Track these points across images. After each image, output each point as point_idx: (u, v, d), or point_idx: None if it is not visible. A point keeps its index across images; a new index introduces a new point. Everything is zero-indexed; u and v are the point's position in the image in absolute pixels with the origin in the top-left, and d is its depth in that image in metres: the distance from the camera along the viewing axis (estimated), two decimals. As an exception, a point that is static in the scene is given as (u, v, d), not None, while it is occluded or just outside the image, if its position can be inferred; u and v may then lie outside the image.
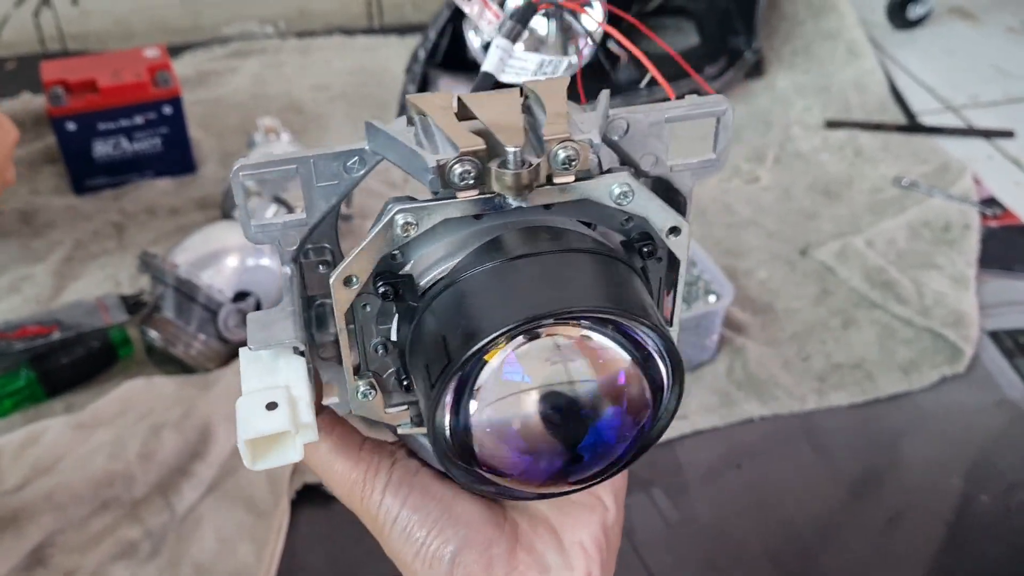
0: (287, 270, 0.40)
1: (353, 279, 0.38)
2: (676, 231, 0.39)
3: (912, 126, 1.68)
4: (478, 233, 0.38)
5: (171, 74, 1.49)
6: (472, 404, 0.36)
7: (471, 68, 1.65)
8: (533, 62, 0.51)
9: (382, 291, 0.38)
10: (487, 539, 0.41)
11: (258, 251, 1.17)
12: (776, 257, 1.37)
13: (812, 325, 1.24)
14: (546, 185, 0.37)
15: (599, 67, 1.66)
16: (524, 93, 0.39)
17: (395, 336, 0.41)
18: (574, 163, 0.36)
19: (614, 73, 1.68)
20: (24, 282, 1.31)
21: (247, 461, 0.36)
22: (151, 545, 0.95)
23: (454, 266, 0.38)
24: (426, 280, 0.38)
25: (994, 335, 1.22)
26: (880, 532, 0.99)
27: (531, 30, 0.55)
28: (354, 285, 0.38)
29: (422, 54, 1.58)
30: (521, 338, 0.35)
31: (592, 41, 0.63)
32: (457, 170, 0.35)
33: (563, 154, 0.36)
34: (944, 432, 1.10)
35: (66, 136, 1.45)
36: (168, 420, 1.04)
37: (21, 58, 1.91)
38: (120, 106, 1.46)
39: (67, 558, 0.93)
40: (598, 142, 0.36)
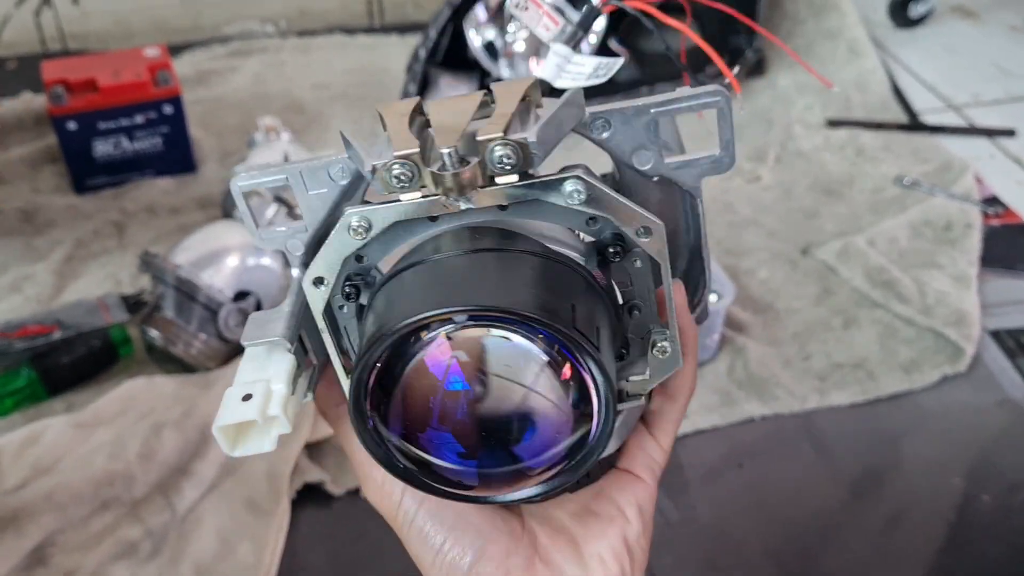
0: (295, 273, 0.42)
1: (322, 280, 0.39)
2: (647, 231, 0.38)
3: (914, 125, 1.67)
4: (429, 235, 0.39)
5: (171, 73, 1.49)
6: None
7: (471, 67, 1.65)
8: (590, 65, 0.50)
9: (346, 291, 0.40)
10: (505, 550, 0.41)
11: (258, 251, 1.17)
12: (777, 256, 1.36)
13: (813, 324, 1.24)
14: (491, 186, 0.37)
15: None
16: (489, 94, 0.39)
17: None
18: (510, 162, 0.36)
19: (615, 73, 1.68)
20: (25, 281, 1.31)
21: (224, 448, 0.38)
22: (151, 545, 0.95)
23: (391, 268, 0.39)
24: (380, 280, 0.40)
25: (996, 334, 1.22)
26: (881, 532, 0.98)
27: (532, 29, 0.55)
28: (323, 286, 0.39)
29: (423, 53, 1.58)
30: (441, 335, 0.35)
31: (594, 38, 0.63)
32: (393, 172, 0.36)
33: (498, 153, 0.36)
34: (945, 432, 1.10)
35: (67, 135, 1.46)
36: (169, 419, 1.04)
37: (22, 58, 1.91)
38: (120, 105, 1.46)
39: (67, 558, 0.93)
40: (533, 140, 0.36)
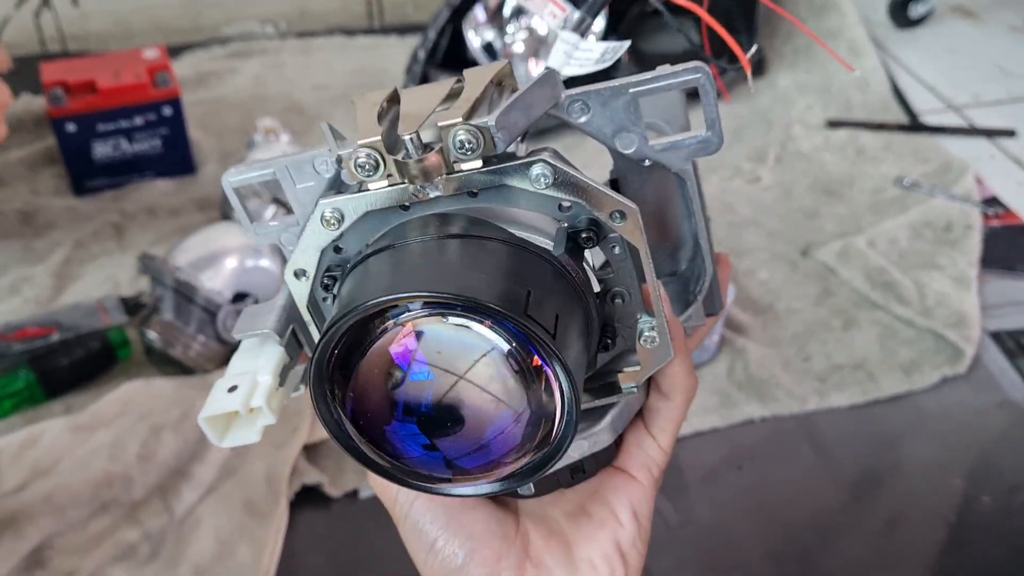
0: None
1: (303, 272, 0.39)
2: (621, 215, 0.37)
3: (914, 125, 1.67)
4: (399, 224, 0.39)
5: (171, 75, 1.49)
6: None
7: (471, 67, 1.65)
8: (597, 51, 0.49)
9: (324, 283, 0.40)
10: (496, 552, 0.41)
11: (257, 252, 1.17)
12: (777, 257, 1.36)
13: (813, 325, 1.24)
14: (457, 172, 0.37)
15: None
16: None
17: None
18: (470, 147, 0.36)
19: (615, 72, 1.68)
20: (24, 283, 1.31)
21: (212, 438, 0.39)
22: (150, 547, 0.95)
23: (357, 256, 0.39)
24: None
25: (996, 336, 1.22)
26: (881, 533, 0.98)
27: (531, 30, 0.55)
28: (304, 279, 0.39)
29: (422, 54, 1.58)
30: (407, 324, 0.35)
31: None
32: (357, 161, 0.36)
33: (459, 138, 0.36)
34: (945, 433, 1.09)
35: (66, 137, 1.46)
36: (167, 421, 1.04)
37: (22, 59, 1.91)
38: (120, 107, 1.46)
39: (66, 560, 0.93)
40: (492, 124, 0.35)
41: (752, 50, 0.49)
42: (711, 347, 1.17)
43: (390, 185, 0.37)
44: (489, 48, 1.64)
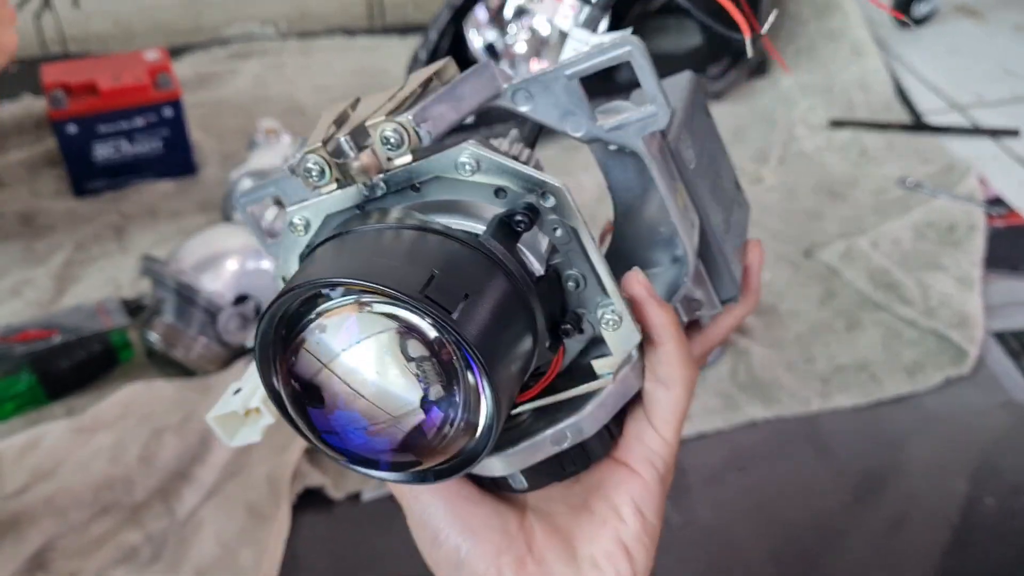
0: None
1: (285, 279, 0.41)
2: (545, 195, 0.37)
3: (917, 125, 1.67)
4: (339, 222, 0.40)
5: (171, 76, 1.49)
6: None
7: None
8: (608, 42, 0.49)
9: None
10: (496, 546, 0.41)
11: (258, 254, 1.16)
12: (780, 258, 1.36)
13: (816, 326, 1.23)
14: (395, 169, 0.38)
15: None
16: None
17: None
18: (395, 143, 0.37)
19: (617, 71, 1.67)
20: (25, 285, 1.31)
21: (222, 437, 0.41)
22: (152, 549, 0.95)
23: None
24: None
25: (1000, 336, 1.21)
26: (884, 535, 0.98)
27: (533, 30, 0.55)
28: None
29: (423, 55, 1.58)
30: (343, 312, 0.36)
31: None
32: (306, 167, 0.38)
33: (384, 135, 0.37)
34: (949, 434, 1.09)
35: (67, 139, 1.45)
36: (169, 424, 1.04)
37: (23, 61, 1.91)
38: (120, 108, 1.45)
39: (68, 563, 0.93)
40: (410, 118, 0.37)
41: (772, 17, 0.49)
42: (715, 351, 1.17)
43: (339, 188, 0.39)
44: (491, 48, 1.64)
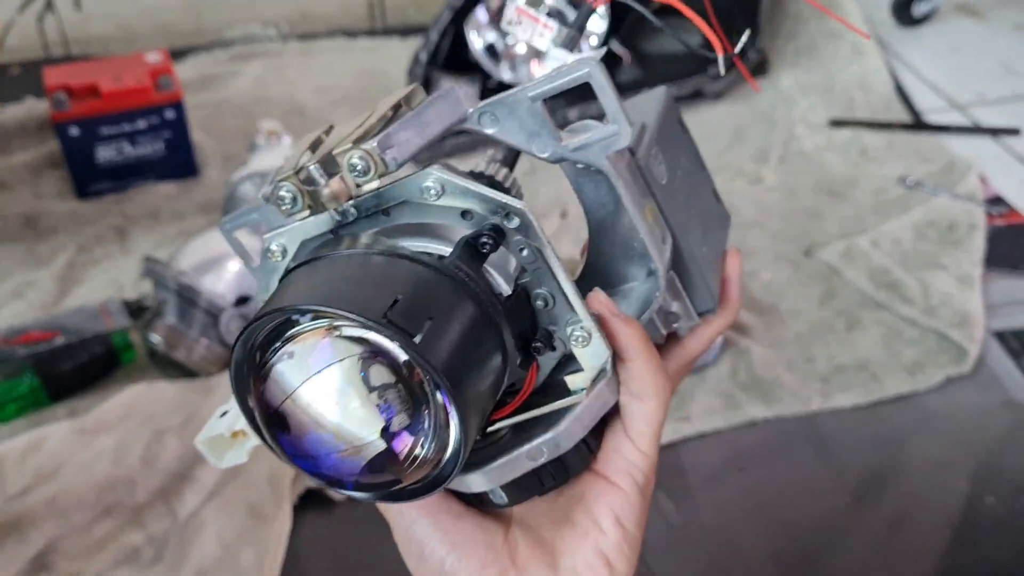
0: None
1: None
2: (509, 216, 0.37)
3: (917, 124, 1.67)
4: (313, 248, 0.40)
5: (173, 78, 1.49)
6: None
7: (473, 69, 1.65)
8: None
9: None
10: (480, 561, 0.41)
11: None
12: (780, 258, 1.36)
13: (817, 326, 1.23)
14: (364, 195, 0.38)
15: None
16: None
17: None
18: (362, 170, 0.37)
19: (616, 74, 1.68)
20: (28, 287, 1.32)
21: (211, 459, 0.42)
22: (154, 550, 0.95)
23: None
24: None
25: (1000, 335, 1.21)
26: (885, 534, 0.98)
27: (555, 22, 0.54)
28: None
29: (424, 56, 1.58)
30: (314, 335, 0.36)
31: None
32: (278, 196, 0.39)
33: (351, 162, 0.38)
34: (949, 433, 1.09)
35: (69, 141, 1.46)
36: (170, 425, 1.04)
37: (25, 63, 1.92)
38: (123, 110, 1.46)
39: (70, 564, 0.93)
40: (374, 145, 0.37)
41: (745, 36, 0.49)
42: (714, 349, 1.17)
43: (313, 214, 0.39)
44: (491, 49, 1.64)
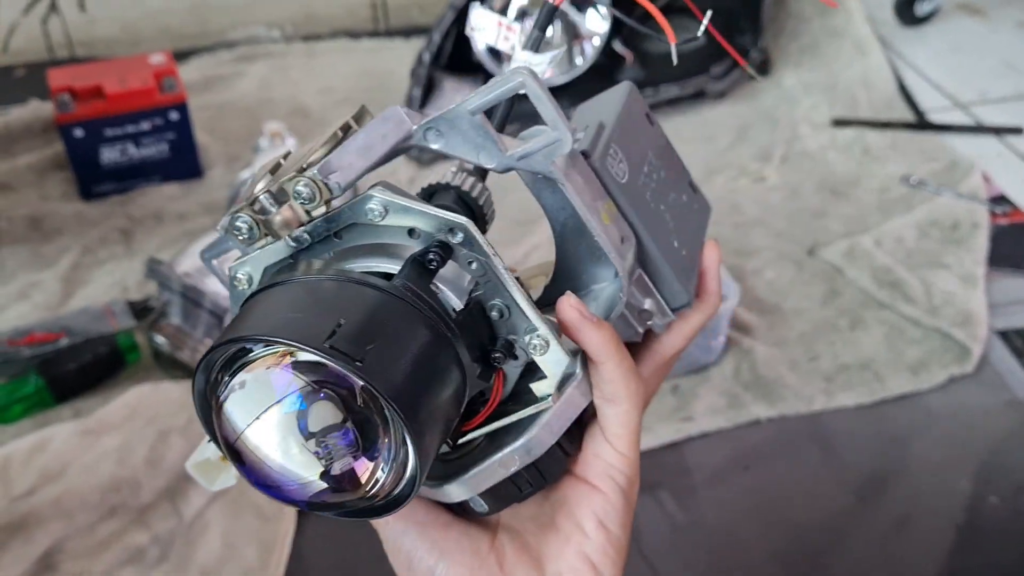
0: None
1: None
2: (453, 231, 0.37)
3: (920, 123, 1.67)
4: (271, 275, 0.40)
5: (177, 80, 1.49)
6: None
7: (476, 70, 1.65)
8: (545, 62, 0.49)
9: None
10: (468, 569, 0.41)
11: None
12: (783, 257, 1.36)
13: (820, 325, 1.23)
14: (313, 220, 0.39)
15: (602, 68, 1.65)
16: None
17: None
18: (308, 196, 0.38)
19: (619, 74, 1.68)
20: (33, 289, 1.32)
21: (202, 482, 0.42)
22: (159, 550, 0.96)
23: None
24: None
25: (1003, 334, 1.21)
26: (889, 534, 0.98)
27: (519, 24, 0.54)
28: None
29: (427, 57, 1.59)
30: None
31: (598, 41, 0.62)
32: (235, 226, 0.39)
33: (296, 189, 0.38)
34: (953, 433, 1.09)
35: (74, 142, 1.46)
36: (175, 425, 1.05)
37: (29, 65, 1.92)
38: (127, 112, 1.46)
39: (75, 564, 0.94)
40: (316, 172, 0.38)
41: (706, 19, 0.49)
42: (717, 348, 1.17)
43: (269, 243, 0.39)
44: (493, 50, 1.64)
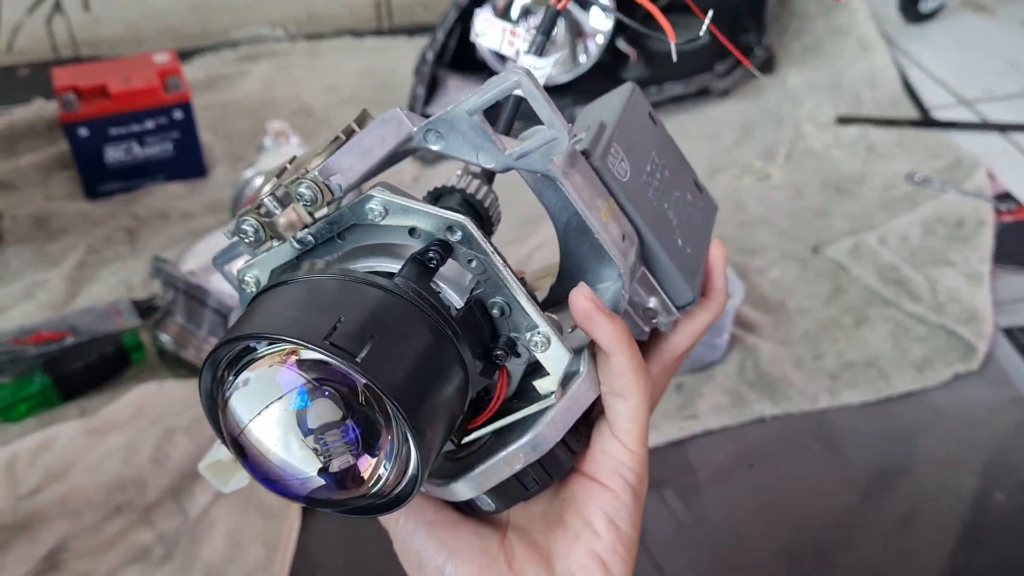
0: None
1: None
2: (452, 229, 0.38)
3: (925, 121, 1.66)
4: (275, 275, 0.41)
5: (181, 79, 1.50)
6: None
7: (480, 68, 1.65)
8: (549, 65, 0.49)
9: None
10: (478, 568, 0.41)
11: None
12: (788, 255, 1.36)
13: (824, 323, 1.23)
14: (317, 222, 0.39)
15: (606, 66, 1.65)
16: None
17: None
18: (311, 198, 0.38)
19: (623, 72, 1.68)
20: (38, 288, 1.32)
21: (215, 484, 0.42)
22: (164, 549, 0.96)
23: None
24: None
25: (1008, 332, 1.21)
26: (894, 531, 0.98)
27: (523, 28, 0.54)
28: None
29: (430, 55, 1.59)
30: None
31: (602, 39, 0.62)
32: (242, 230, 0.39)
33: (299, 192, 0.38)
34: (958, 430, 1.09)
35: (78, 142, 1.46)
36: (180, 424, 1.05)
37: (34, 64, 1.93)
38: (131, 111, 1.46)
39: (81, 562, 0.94)
40: (316, 174, 0.38)
41: (708, 19, 0.49)
42: (721, 346, 1.17)
43: (277, 244, 0.40)
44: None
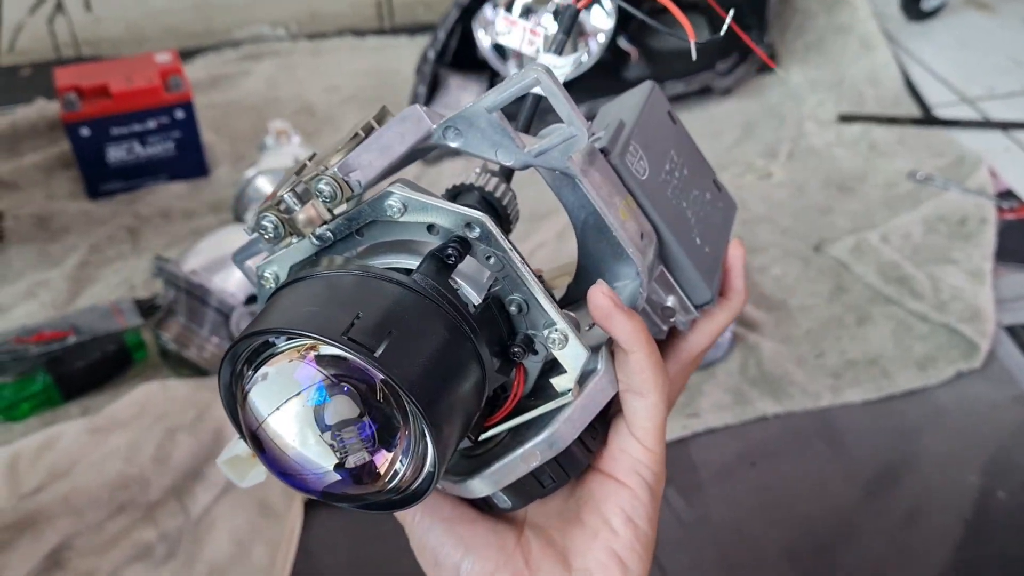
0: None
1: None
2: (470, 226, 0.38)
3: (927, 119, 1.66)
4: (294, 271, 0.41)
5: (183, 78, 1.50)
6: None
7: (481, 67, 1.65)
8: (569, 64, 0.49)
9: None
10: (494, 564, 0.41)
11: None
12: (790, 253, 1.36)
13: (827, 321, 1.23)
14: (336, 218, 0.39)
15: (607, 65, 1.65)
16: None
17: None
18: (330, 194, 0.38)
19: (624, 70, 1.67)
20: (40, 287, 1.32)
21: (234, 479, 0.42)
22: (166, 547, 0.96)
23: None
24: None
25: (1011, 330, 1.21)
26: (897, 529, 0.98)
27: (543, 28, 0.54)
28: None
29: (432, 54, 1.59)
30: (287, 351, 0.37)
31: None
32: (261, 225, 0.39)
33: (319, 187, 0.39)
34: (961, 428, 1.09)
35: (80, 141, 1.47)
36: (182, 423, 1.05)
37: (35, 64, 1.93)
38: (133, 111, 1.47)
39: (84, 561, 0.94)
40: (336, 170, 0.39)
41: (728, 18, 0.49)
42: (723, 344, 1.17)
43: (296, 241, 0.40)
44: (499, 47, 1.64)
